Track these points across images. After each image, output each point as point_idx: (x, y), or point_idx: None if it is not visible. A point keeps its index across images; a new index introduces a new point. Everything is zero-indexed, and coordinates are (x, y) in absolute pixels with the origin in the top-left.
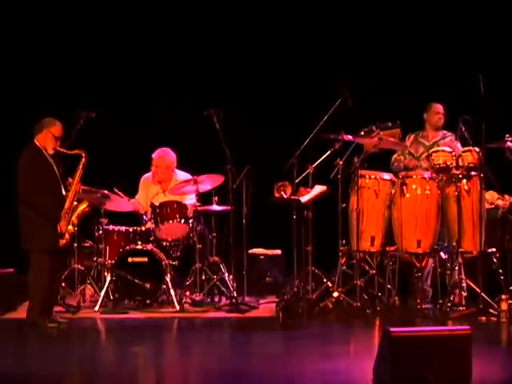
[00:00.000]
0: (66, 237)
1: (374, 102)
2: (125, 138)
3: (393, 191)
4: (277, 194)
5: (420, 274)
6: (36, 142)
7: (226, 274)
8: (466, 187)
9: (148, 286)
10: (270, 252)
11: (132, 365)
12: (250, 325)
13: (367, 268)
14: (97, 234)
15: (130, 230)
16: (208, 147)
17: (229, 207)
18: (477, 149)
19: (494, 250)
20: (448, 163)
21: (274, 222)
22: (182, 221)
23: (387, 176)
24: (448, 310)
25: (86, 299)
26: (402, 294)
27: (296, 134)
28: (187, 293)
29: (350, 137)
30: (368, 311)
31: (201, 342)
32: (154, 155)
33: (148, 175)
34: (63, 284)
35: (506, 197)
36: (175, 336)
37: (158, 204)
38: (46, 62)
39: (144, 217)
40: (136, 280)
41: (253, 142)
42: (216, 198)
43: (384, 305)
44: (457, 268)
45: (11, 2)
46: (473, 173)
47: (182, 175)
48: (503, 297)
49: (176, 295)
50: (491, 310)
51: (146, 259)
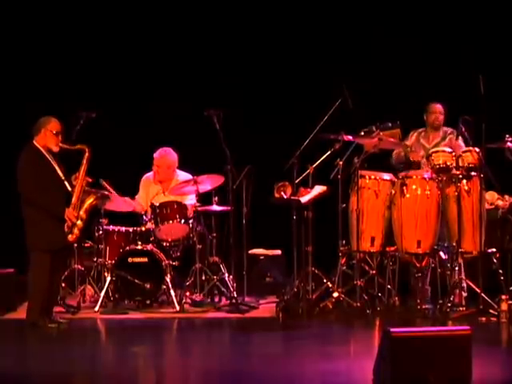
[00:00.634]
0: (76, 232)
1: (374, 102)
2: (125, 139)
3: (393, 191)
4: (277, 195)
5: (420, 275)
6: (34, 143)
7: (226, 275)
8: (466, 187)
9: (148, 286)
10: (270, 252)
11: (132, 365)
12: (249, 325)
13: (367, 268)
14: (97, 234)
15: (130, 230)
16: (208, 147)
17: (229, 207)
18: (477, 149)
19: (494, 250)
20: (448, 163)
21: (274, 222)
22: (182, 221)
23: (387, 176)
24: (448, 310)
25: (86, 299)
26: (402, 294)
27: (296, 134)
28: (187, 293)
29: (350, 137)
30: (368, 311)
31: (201, 342)
32: (155, 155)
33: (149, 175)
34: (63, 284)
35: (506, 197)
36: (175, 336)
37: (157, 204)
38: (46, 62)
39: (144, 217)
40: (136, 280)
41: (253, 141)
42: (216, 199)
43: (384, 305)
44: (457, 268)
45: (11, 2)
46: (473, 173)
47: (183, 175)
48: (503, 297)
49: (176, 295)
50: (491, 311)
51: (146, 259)
